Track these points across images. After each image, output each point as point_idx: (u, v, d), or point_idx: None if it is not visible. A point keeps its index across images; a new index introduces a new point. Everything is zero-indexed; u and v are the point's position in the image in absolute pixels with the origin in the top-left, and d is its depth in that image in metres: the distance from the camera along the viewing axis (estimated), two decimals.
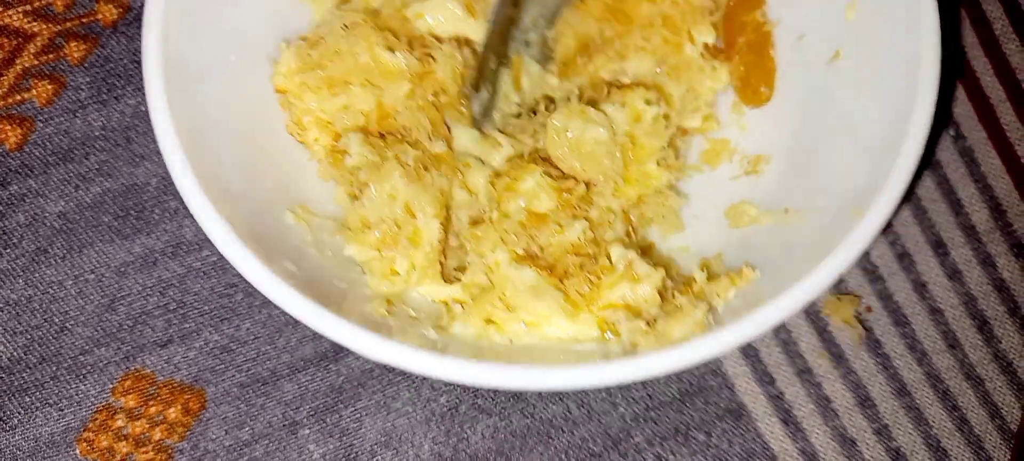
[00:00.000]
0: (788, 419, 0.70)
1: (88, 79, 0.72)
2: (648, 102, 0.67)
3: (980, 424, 0.72)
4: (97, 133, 0.71)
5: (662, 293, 0.62)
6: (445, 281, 0.65)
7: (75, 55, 0.73)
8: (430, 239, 0.63)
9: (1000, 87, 0.77)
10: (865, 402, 0.71)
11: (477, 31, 0.69)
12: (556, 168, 0.66)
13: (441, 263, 0.65)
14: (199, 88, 0.61)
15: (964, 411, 0.72)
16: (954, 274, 0.74)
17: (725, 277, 0.61)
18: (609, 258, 0.63)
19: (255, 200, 0.61)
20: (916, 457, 0.71)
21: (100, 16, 0.74)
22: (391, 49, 0.65)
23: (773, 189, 0.68)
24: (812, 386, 0.71)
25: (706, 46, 0.71)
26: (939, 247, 0.74)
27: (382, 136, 0.67)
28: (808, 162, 0.67)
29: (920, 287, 0.74)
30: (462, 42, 0.69)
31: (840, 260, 0.55)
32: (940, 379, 0.72)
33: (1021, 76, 0.77)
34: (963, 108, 0.77)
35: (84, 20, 0.73)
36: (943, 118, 0.76)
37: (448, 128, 0.67)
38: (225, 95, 0.63)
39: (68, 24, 0.73)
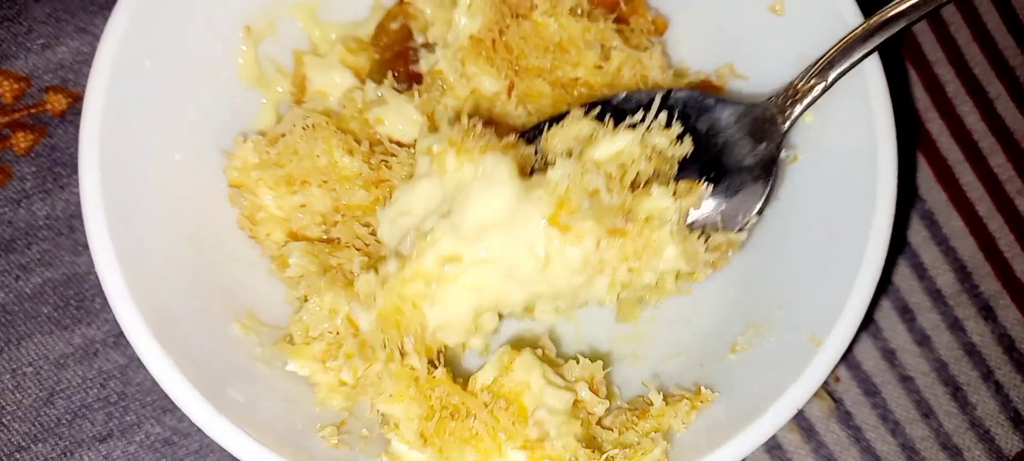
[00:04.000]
0: None
1: (34, 168, 0.71)
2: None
3: None
4: (41, 222, 0.70)
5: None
6: None
7: (22, 145, 0.72)
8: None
9: (957, 148, 0.76)
10: None
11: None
12: None
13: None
14: (141, 183, 0.59)
15: None
16: (923, 340, 0.72)
17: (686, 401, 0.59)
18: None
19: (199, 314, 0.59)
20: None
21: (49, 106, 0.73)
22: (350, 153, 0.64)
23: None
24: None
25: None
26: (905, 313, 0.72)
27: (332, 241, 0.65)
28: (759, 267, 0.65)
29: (889, 354, 0.71)
30: None
31: (799, 393, 0.55)
32: (915, 450, 0.69)
33: (977, 137, 0.77)
34: (921, 171, 0.76)
35: (33, 110, 0.73)
36: (907, 195, 0.75)
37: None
38: (170, 189, 0.61)
39: (16, 115, 0.73)
